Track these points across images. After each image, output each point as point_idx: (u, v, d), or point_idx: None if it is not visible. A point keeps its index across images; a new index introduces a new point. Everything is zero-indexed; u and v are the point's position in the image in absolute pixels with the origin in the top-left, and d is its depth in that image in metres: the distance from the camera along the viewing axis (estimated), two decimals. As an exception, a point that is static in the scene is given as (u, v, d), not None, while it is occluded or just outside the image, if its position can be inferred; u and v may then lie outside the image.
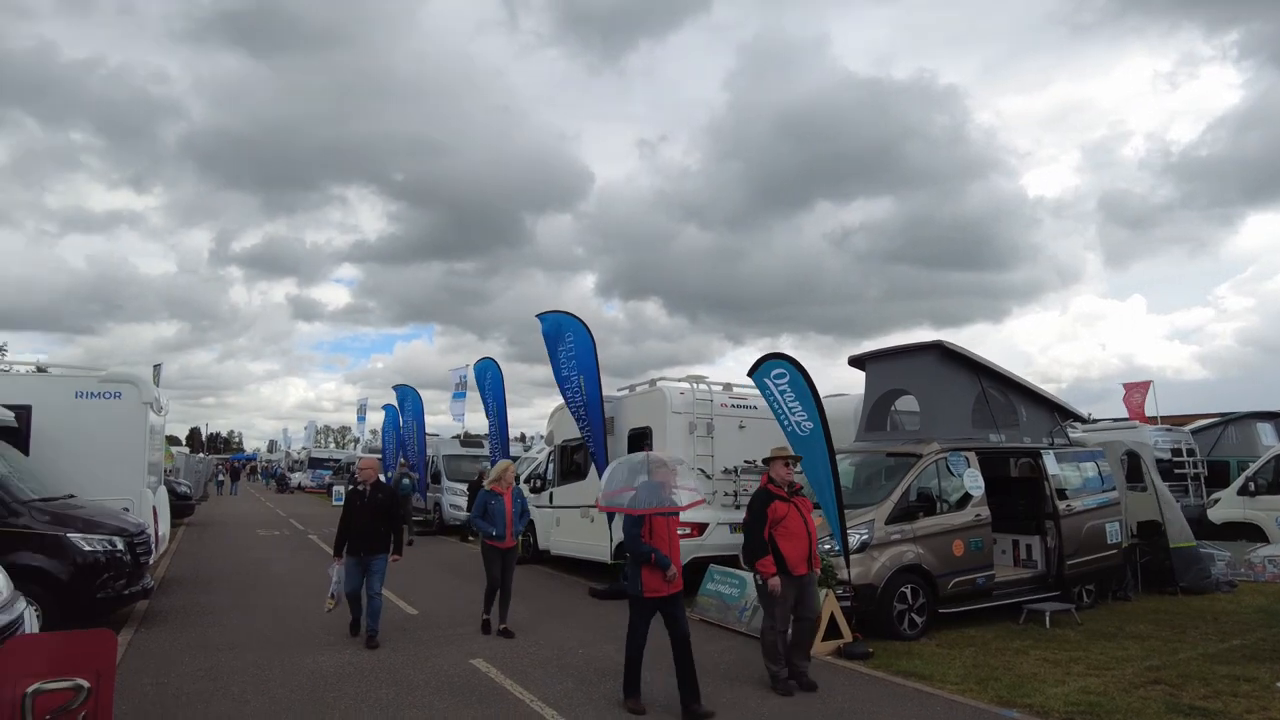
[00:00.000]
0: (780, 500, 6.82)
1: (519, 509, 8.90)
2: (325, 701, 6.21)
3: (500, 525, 8.60)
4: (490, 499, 8.70)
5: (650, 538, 6.09)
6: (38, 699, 4.09)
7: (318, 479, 44.48)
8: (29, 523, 8.05)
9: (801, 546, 6.75)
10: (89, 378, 10.87)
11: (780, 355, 9.38)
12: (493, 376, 17.53)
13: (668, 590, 6.09)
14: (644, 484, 6.24)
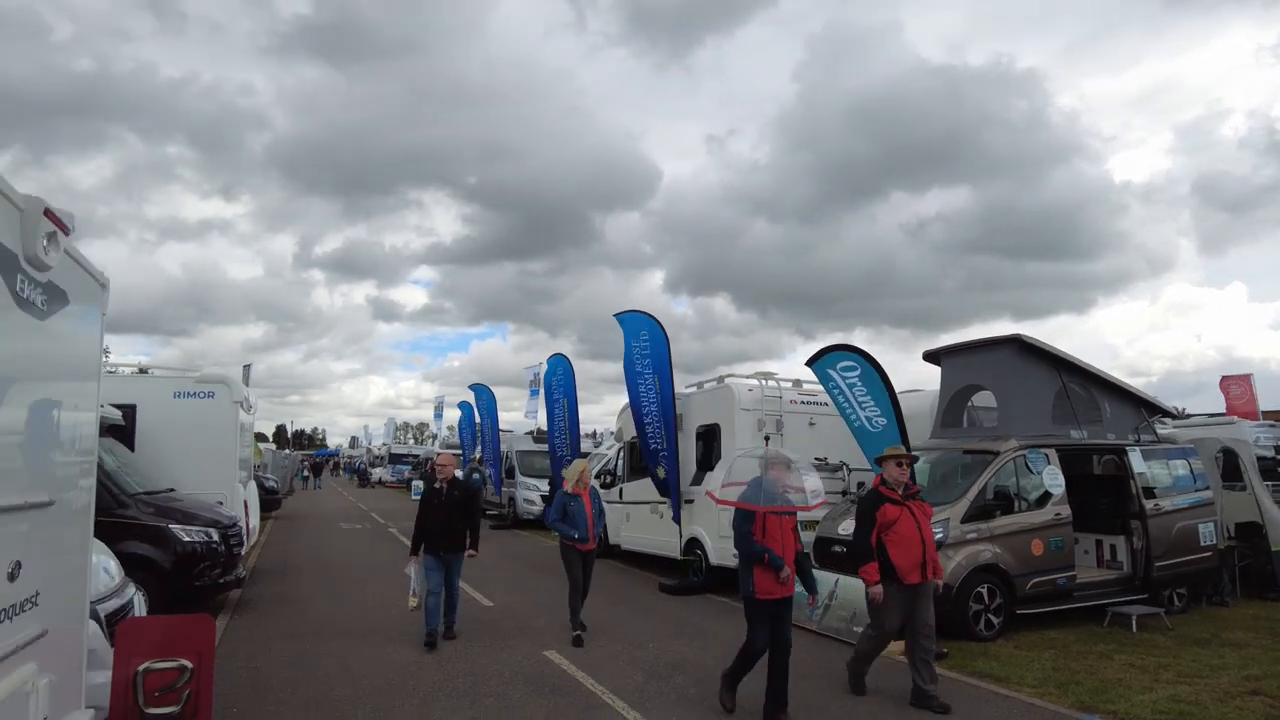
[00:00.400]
0: (892, 503, 6.39)
1: (597, 509, 8.67)
2: (405, 689, 6.45)
3: (581, 527, 8.38)
4: (569, 501, 8.47)
5: (763, 537, 5.87)
6: (148, 677, 4.42)
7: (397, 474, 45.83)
8: (135, 514, 8.58)
9: (914, 553, 6.27)
10: (186, 378, 11.51)
11: (848, 346, 9.25)
12: (563, 373, 17.77)
13: (780, 592, 5.86)
14: (759, 481, 6.03)
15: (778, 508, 5.95)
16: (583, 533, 8.36)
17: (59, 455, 3.54)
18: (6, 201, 2.84)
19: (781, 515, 5.97)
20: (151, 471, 10.06)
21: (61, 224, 3.20)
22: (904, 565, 6.26)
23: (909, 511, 6.38)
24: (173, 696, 4.52)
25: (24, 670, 3.06)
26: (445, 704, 6.09)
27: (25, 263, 2.99)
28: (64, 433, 3.60)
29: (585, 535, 8.38)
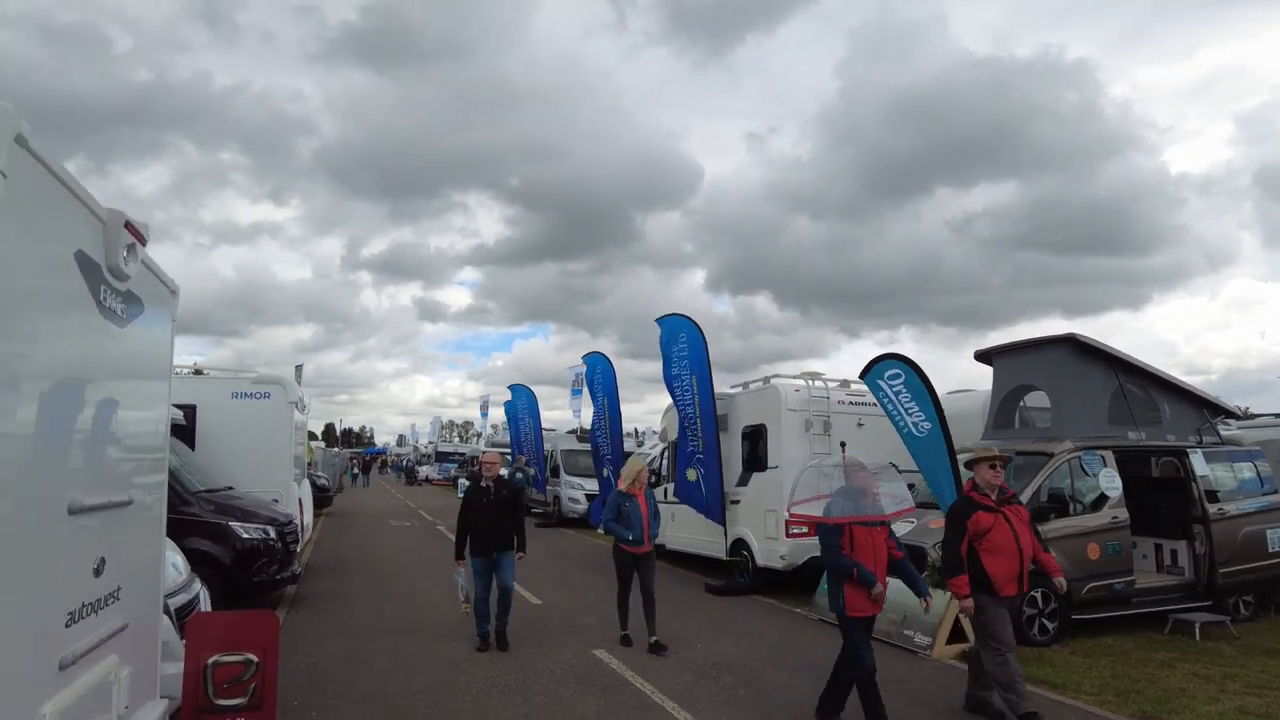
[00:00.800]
0: (985, 510, 5.81)
1: (653, 510, 8.24)
2: (458, 685, 6.57)
3: (636, 529, 7.99)
4: (623, 501, 8.09)
5: (851, 550, 5.52)
6: (217, 669, 4.57)
7: (444, 472, 46.43)
8: (197, 511, 8.86)
9: (1011, 563, 5.71)
10: (243, 379, 11.84)
11: (894, 355, 9.20)
12: (603, 371, 17.83)
13: (873, 609, 5.58)
14: (841, 490, 5.74)
15: (863, 517, 5.59)
16: (637, 534, 7.99)
17: (137, 456, 3.69)
18: (91, 215, 2.96)
19: (871, 526, 5.61)
20: (211, 470, 10.37)
21: (139, 235, 3.34)
22: (1000, 576, 5.71)
23: (1004, 518, 5.82)
24: (240, 689, 4.66)
25: (108, 662, 3.19)
26: (498, 700, 6.19)
27: (108, 273, 3.12)
28: (141, 435, 3.75)
29: (640, 537, 8.00)
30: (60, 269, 2.72)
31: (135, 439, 3.68)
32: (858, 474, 5.78)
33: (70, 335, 2.87)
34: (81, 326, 2.95)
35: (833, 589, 5.69)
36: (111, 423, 3.35)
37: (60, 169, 2.60)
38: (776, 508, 10.85)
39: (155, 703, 4.03)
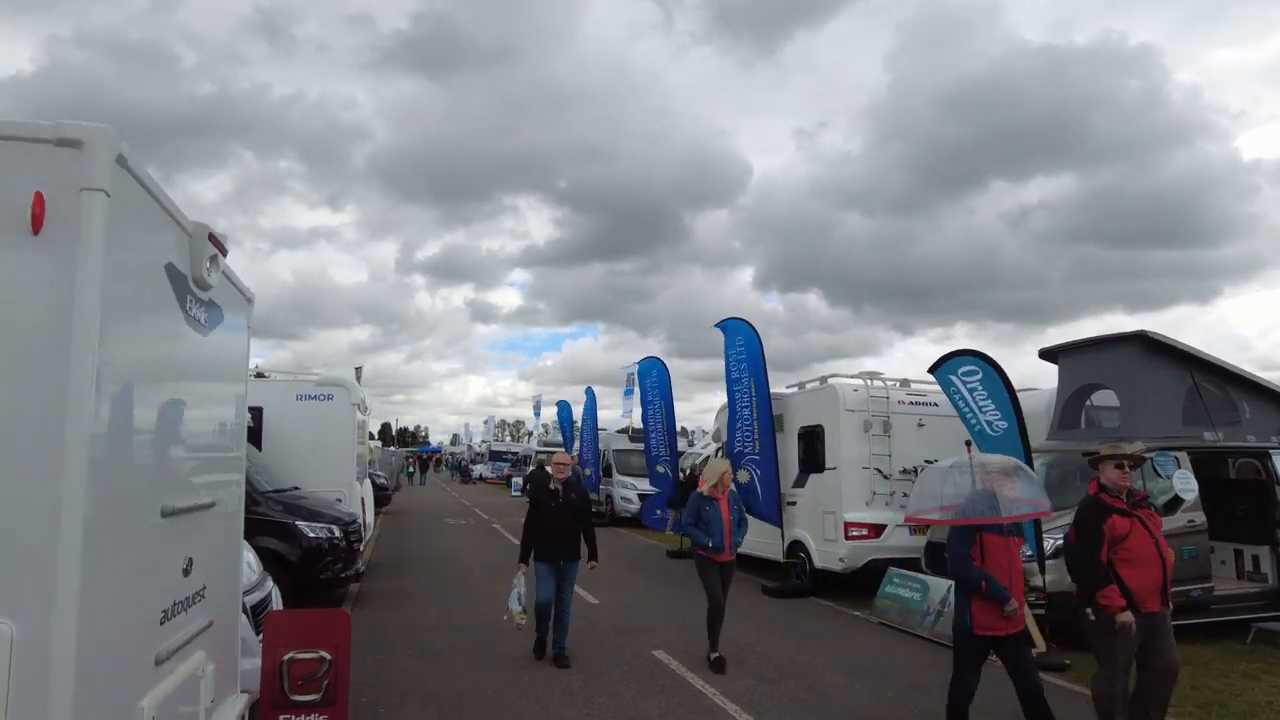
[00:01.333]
0: (1120, 514, 5.16)
1: (737, 517, 7.61)
2: (520, 685, 6.64)
3: (717, 535, 7.36)
4: (704, 504, 7.51)
5: (982, 561, 5.01)
6: (292, 666, 4.69)
7: (497, 470, 47.04)
8: (266, 511, 9.13)
9: (1152, 574, 5.07)
10: (307, 381, 12.16)
11: (970, 351, 9.01)
12: (658, 375, 17.86)
13: (1005, 629, 5.00)
14: (970, 493, 5.19)
15: (993, 519, 5.03)
16: (717, 541, 7.37)
17: (219, 460, 3.82)
18: (179, 228, 3.07)
19: (1006, 536, 5.07)
20: (277, 470, 10.66)
21: (221, 246, 3.45)
22: (1141, 590, 5.04)
23: (1140, 523, 5.19)
24: (314, 685, 4.78)
25: (196, 657, 3.32)
26: (560, 699, 6.24)
27: (193, 284, 3.23)
28: (223, 439, 3.88)
29: (720, 544, 7.38)
30: (153, 281, 2.83)
31: (218, 443, 3.81)
32: (988, 474, 5.19)
33: (161, 344, 2.98)
34: (170, 336, 3.07)
35: (959, 603, 5.19)
36: (197, 428, 3.47)
37: (154, 185, 2.71)
38: (835, 509, 10.74)
39: (236, 697, 4.17)
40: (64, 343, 2.22)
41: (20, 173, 2.23)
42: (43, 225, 2.22)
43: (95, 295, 2.27)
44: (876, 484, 10.73)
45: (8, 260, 2.21)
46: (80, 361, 2.23)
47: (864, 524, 10.56)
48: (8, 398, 2.19)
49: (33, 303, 2.23)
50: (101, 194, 2.30)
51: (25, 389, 2.20)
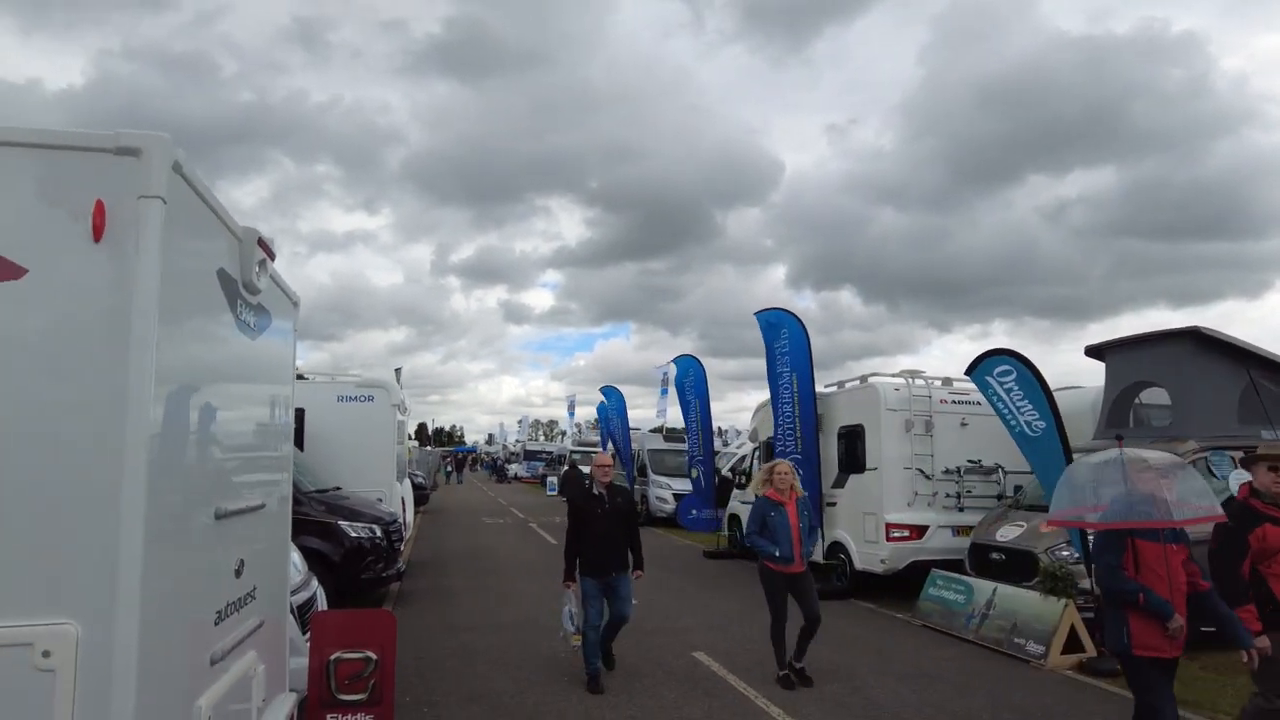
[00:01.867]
0: (1273, 523, 4.59)
1: (807, 524, 6.85)
2: (561, 685, 6.65)
3: (785, 543, 6.65)
4: (769, 510, 6.78)
5: (1137, 571, 4.42)
6: (338, 665, 4.75)
7: (532, 469, 47.34)
8: (309, 511, 9.25)
9: None
10: (348, 383, 12.30)
11: (1004, 351, 8.83)
12: (695, 374, 17.78)
13: (1170, 651, 4.42)
14: (1121, 494, 4.55)
15: (1149, 523, 4.40)
16: (785, 550, 6.63)
17: (268, 462, 3.86)
18: (229, 233, 3.11)
19: (1164, 543, 4.45)
20: (319, 470, 10.81)
21: (269, 251, 3.49)
22: None
23: None
24: (360, 685, 4.84)
25: (248, 658, 3.36)
26: (603, 700, 6.24)
27: (243, 288, 3.27)
28: (271, 442, 3.93)
29: (789, 554, 6.64)
30: (206, 286, 2.87)
31: (266, 446, 3.85)
32: (1142, 474, 4.51)
33: (213, 348, 3.02)
34: (222, 339, 3.10)
35: (1111, 622, 4.58)
36: (247, 431, 3.52)
37: (207, 192, 2.74)
38: (876, 510, 10.60)
39: (286, 695, 4.22)
40: (123, 347, 2.25)
41: (82, 182, 2.27)
42: (103, 233, 2.26)
43: (153, 301, 2.29)
44: (919, 484, 10.57)
45: (71, 267, 2.25)
46: (139, 365, 2.26)
47: (906, 525, 10.42)
48: (70, 401, 2.22)
49: (94, 308, 2.26)
50: (159, 201, 2.33)
51: (87, 392, 2.23)
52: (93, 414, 2.23)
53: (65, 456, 2.20)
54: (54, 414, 2.21)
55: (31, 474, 2.17)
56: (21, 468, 2.17)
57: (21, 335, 2.22)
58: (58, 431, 2.21)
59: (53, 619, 2.13)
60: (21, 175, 2.28)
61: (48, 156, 2.31)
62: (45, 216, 2.27)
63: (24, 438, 2.18)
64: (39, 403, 2.21)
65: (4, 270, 2.19)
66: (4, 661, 2.07)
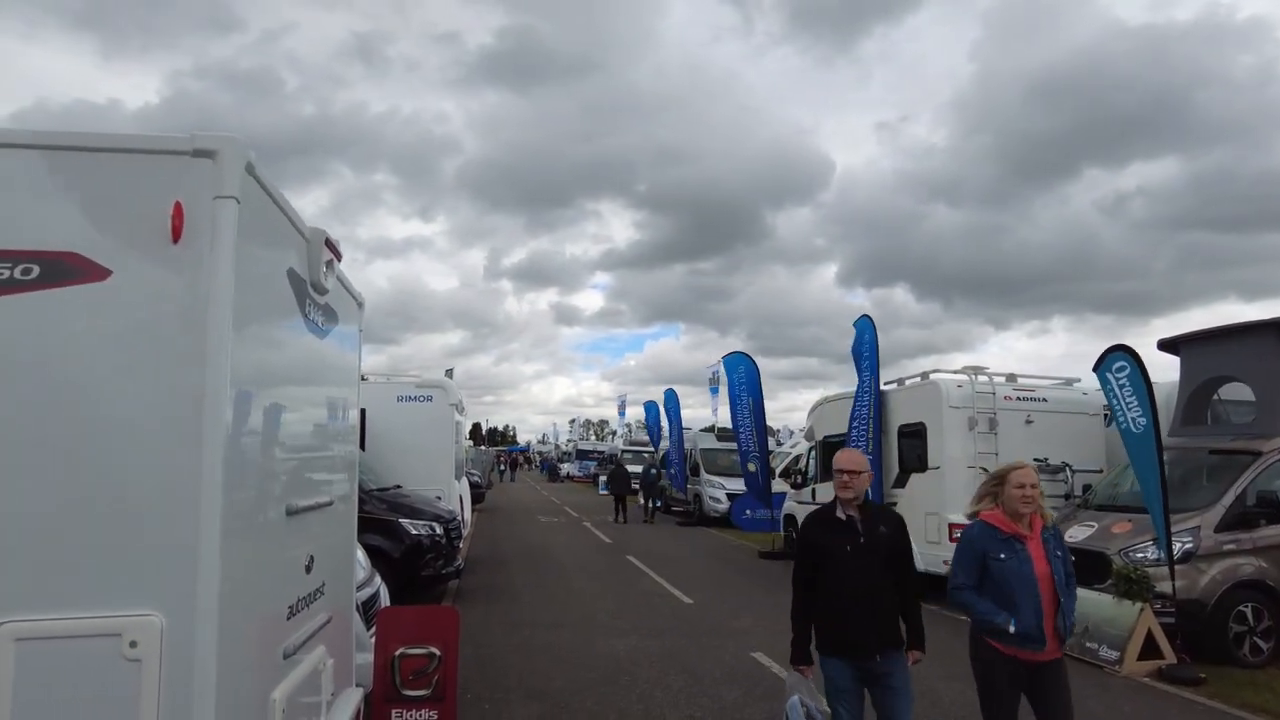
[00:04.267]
0: None
1: (1062, 571, 3.95)
2: (621, 684, 6.63)
3: (1027, 609, 3.84)
4: (993, 546, 3.95)
5: None
6: (403, 661, 4.80)
7: (584, 469, 47.61)
8: (371, 509, 9.42)
9: None
10: (408, 384, 12.51)
11: (1122, 347, 8.60)
12: (745, 371, 17.61)
13: None
14: None
15: None
16: (1026, 621, 3.81)
17: (335, 461, 3.92)
18: (298, 233, 3.16)
19: None
20: (379, 469, 11.00)
21: (336, 251, 3.54)
22: None
23: None
24: (424, 681, 4.88)
25: (318, 652, 3.41)
26: (663, 699, 6.21)
27: (311, 288, 3.32)
28: (338, 440, 3.99)
29: (1033, 628, 3.82)
30: (277, 285, 2.92)
31: (334, 444, 3.91)
32: None
33: (283, 347, 3.07)
34: (292, 339, 3.15)
35: None
36: (316, 429, 3.57)
37: (277, 192, 2.78)
38: (938, 510, 10.36)
39: (352, 690, 4.28)
40: (201, 346, 2.30)
41: (162, 184, 2.32)
42: (181, 234, 2.30)
43: (228, 301, 2.34)
44: (982, 484, 10.29)
45: (151, 268, 2.30)
46: (215, 364, 2.31)
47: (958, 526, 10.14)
48: (151, 399, 2.28)
49: (173, 308, 2.31)
50: (233, 201, 2.37)
51: (167, 390, 2.28)
52: (172, 411, 2.27)
53: (147, 453, 2.26)
54: (136, 411, 2.26)
55: (117, 470, 2.23)
56: (107, 464, 2.23)
57: (106, 335, 2.28)
58: (140, 428, 2.26)
59: (139, 610, 2.18)
60: (104, 179, 2.34)
61: (128, 160, 2.37)
62: (127, 219, 2.32)
63: (109, 435, 2.24)
64: (122, 400, 2.26)
65: (91, 272, 2.26)
66: (96, 650, 2.13)
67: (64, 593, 2.17)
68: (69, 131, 2.39)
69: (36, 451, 2.20)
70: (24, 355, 2.23)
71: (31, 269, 2.25)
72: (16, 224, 2.27)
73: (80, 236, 2.29)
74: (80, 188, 2.33)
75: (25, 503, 2.17)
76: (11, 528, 2.15)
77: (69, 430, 2.22)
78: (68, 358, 2.25)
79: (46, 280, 2.25)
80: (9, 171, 2.30)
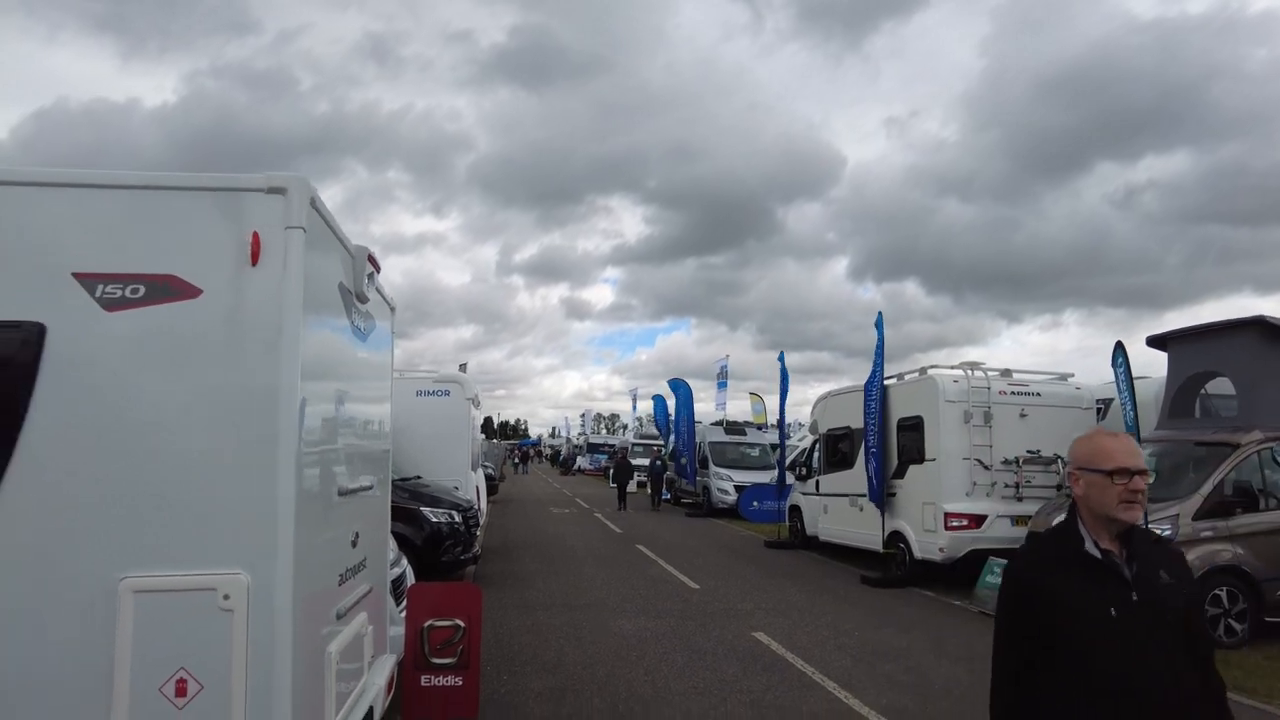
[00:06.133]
0: None
1: None
2: (629, 660, 7.11)
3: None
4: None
5: None
6: (431, 632, 5.30)
7: (595, 462, 48.16)
8: (395, 498, 9.86)
9: None
10: (426, 379, 13.00)
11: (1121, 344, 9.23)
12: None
13: None
14: None
15: None
16: None
17: (375, 449, 4.41)
18: (345, 250, 3.63)
19: None
20: (400, 460, 11.47)
21: (376, 265, 4.00)
22: None
23: None
24: (450, 650, 5.38)
25: (361, 618, 3.88)
26: (668, 673, 6.68)
27: (356, 299, 3.79)
28: (376, 432, 4.47)
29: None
30: (331, 299, 3.39)
31: (373, 436, 4.39)
32: None
33: (336, 351, 3.54)
34: (342, 345, 3.62)
35: None
36: (360, 422, 4.05)
37: (332, 218, 3.25)
38: (935, 500, 10.78)
39: (387, 656, 4.76)
40: (276, 350, 2.77)
41: (242, 216, 2.80)
42: (259, 258, 2.77)
43: (299, 312, 2.81)
44: (977, 475, 10.71)
45: (235, 287, 2.78)
46: (289, 366, 2.77)
47: (964, 514, 10.57)
48: (238, 393, 2.75)
49: (253, 319, 2.79)
50: (300, 230, 2.84)
51: (250, 387, 2.76)
52: (255, 404, 2.75)
53: (235, 439, 2.73)
54: (226, 404, 2.74)
55: (212, 453, 2.71)
56: (203, 448, 2.71)
57: (200, 340, 2.76)
58: (229, 420, 2.74)
59: (230, 569, 2.66)
60: (196, 213, 2.82)
61: (215, 198, 2.84)
62: (215, 246, 2.80)
63: (204, 423, 2.72)
64: (215, 395, 2.74)
65: (187, 290, 2.73)
66: (198, 602, 2.61)
67: (170, 554, 2.65)
68: (167, 174, 2.87)
69: (147, 438, 2.68)
70: (135, 360, 2.71)
71: (139, 289, 2.73)
72: (126, 251, 2.75)
73: (177, 261, 2.76)
74: (177, 221, 2.80)
75: (139, 479, 2.66)
76: (129, 499, 2.64)
77: (172, 420, 2.70)
78: (170, 361, 2.73)
79: (151, 298, 2.73)
80: (119, 209, 2.79)
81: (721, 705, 5.88)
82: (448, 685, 5.27)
